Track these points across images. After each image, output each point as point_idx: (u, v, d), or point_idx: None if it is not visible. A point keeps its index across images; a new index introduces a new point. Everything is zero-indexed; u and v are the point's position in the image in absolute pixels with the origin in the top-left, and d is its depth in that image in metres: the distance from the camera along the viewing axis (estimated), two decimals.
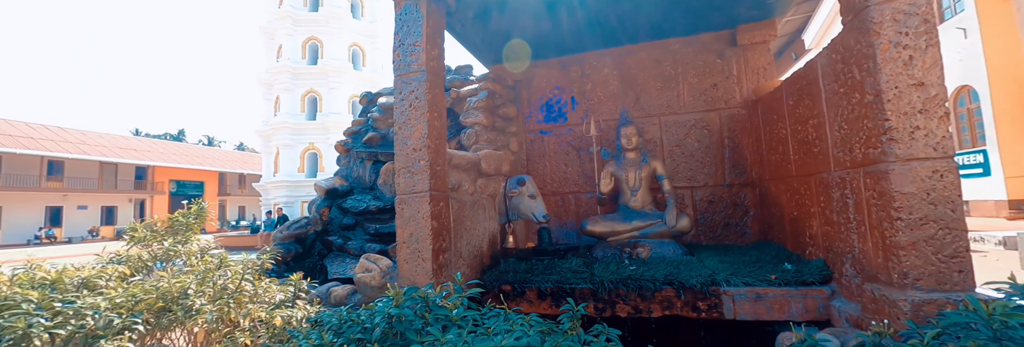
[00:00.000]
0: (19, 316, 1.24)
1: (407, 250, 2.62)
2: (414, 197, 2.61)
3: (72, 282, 1.57)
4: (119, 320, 1.30)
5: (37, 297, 1.31)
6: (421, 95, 2.65)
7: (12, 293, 1.37)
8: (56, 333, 1.21)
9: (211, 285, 1.62)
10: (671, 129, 4.16)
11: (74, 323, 1.25)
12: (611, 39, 4.18)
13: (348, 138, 4.71)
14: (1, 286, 1.37)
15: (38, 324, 1.19)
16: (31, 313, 1.24)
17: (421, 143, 2.62)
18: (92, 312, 1.32)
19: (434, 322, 1.30)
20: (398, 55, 2.74)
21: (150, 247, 2.60)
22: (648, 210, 3.67)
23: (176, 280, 1.56)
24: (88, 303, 1.34)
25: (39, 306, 1.28)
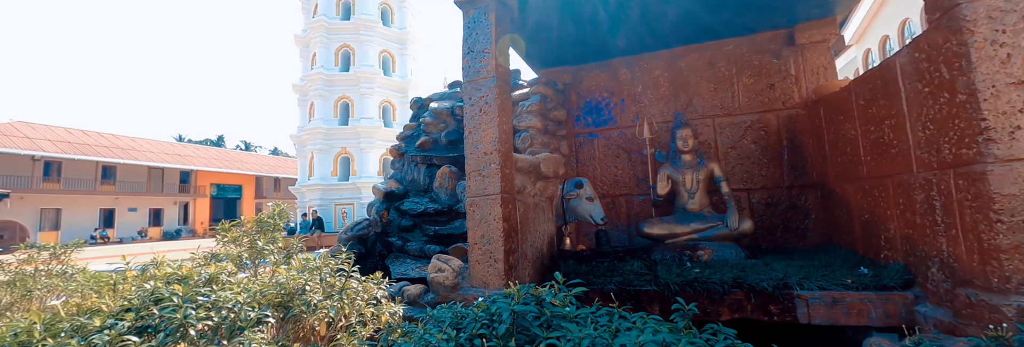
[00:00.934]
0: (172, 309, 1.37)
1: (479, 251, 2.69)
2: (485, 199, 2.68)
3: (200, 278, 1.71)
4: (254, 313, 1.42)
5: (182, 291, 1.44)
6: (491, 100, 2.73)
7: (156, 287, 1.51)
8: (207, 324, 1.33)
9: (320, 282, 1.73)
10: (726, 131, 4.11)
11: (219, 315, 1.37)
12: (663, 41, 4.18)
13: (401, 142, 4.86)
14: (149, 282, 1.51)
15: (192, 316, 1.32)
16: (181, 306, 1.37)
17: (492, 147, 2.69)
18: (231, 305, 1.44)
19: (553, 319, 1.35)
20: (467, 61, 2.83)
21: (241, 245, 2.77)
22: (707, 213, 3.64)
23: (293, 277, 1.67)
24: (223, 297, 1.46)
25: (186, 299, 1.40)
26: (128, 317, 1.32)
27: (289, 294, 1.63)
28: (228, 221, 3.15)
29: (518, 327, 1.34)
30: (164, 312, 1.34)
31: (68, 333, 1.26)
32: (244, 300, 1.47)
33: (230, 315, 1.40)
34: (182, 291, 1.42)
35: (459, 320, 1.46)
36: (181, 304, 1.36)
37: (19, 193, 22.37)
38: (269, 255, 2.74)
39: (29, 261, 3.38)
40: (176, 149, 31.55)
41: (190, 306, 1.38)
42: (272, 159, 40.87)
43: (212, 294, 1.51)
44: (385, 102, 24.08)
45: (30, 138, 23.68)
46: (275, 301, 1.61)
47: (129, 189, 27.35)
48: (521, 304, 1.41)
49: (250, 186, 34.76)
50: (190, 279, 1.67)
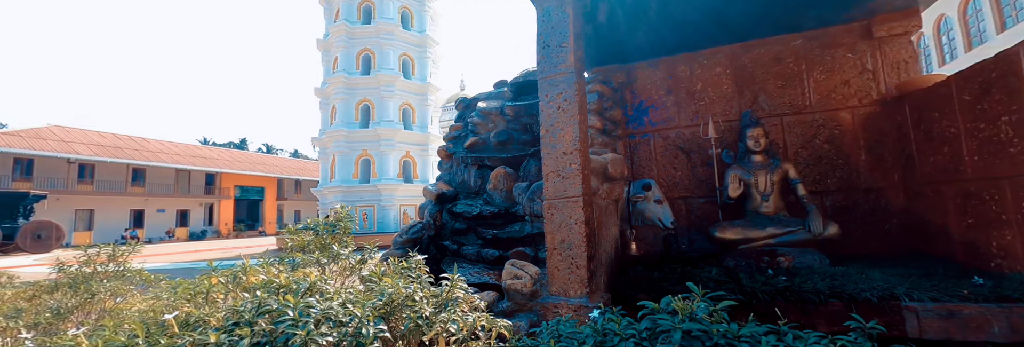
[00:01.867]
0: (289, 323, 1.26)
1: (558, 257, 2.54)
2: (565, 202, 2.54)
3: (300, 286, 1.60)
4: (373, 328, 1.29)
5: (293, 303, 1.33)
6: (570, 97, 2.59)
7: (261, 298, 1.40)
8: (329, 340, 1.21)
9: (424, 291, 1.61)
10: (795, 130, 3.89)
11: (339, 330, 1.26)
12: (725, 37, 3.99)
13: (449, 143, 4.75)
14: (249, 293, 1.42)
15: (315, 332, 1.20)
16: (297, 319, 1.26)
17: (572, 146, 2.55)
18: (349, 318, 1.32)
19: (720, 337, 1.20)
20: (541, 57, 2.70)
21: (311, 250, 2.69)
22: (783, 216, 3.43)
23: (395, 286, 1.55)
24: (336, 309, 1.35)
25: (302, 312, 1.29)
26: (243, 332, 1.21)
27: (397, 305, 1.51)
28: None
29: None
30: (283, 326, 1.22)
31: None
32: (363, 313, 1.35)
33: (348, 330, 1.28)
34: (293, 302, 1.31)
35: (602, 337, 1.31)
36: (297, 318, 1.25)
37: (55, 194, 23.09)
38: (344, 259, 2.65)
39: (89, 263, 3.36)
40: (202, 152, 32.26)
41: (308, 320, 1.27)
42: (293, 161, 41.52)
43: (318, 305, 1.40)
44: (405, 105, 24.22)
45: (65, 141, 24.47)
46: (381, 312, 1.49)
47: (158, 191, 28.04)
48: (689, 321, 1.25)
49: (272, 188, 35.33)
50: (289, 287, 1.56)
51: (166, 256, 16.70)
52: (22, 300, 3.18)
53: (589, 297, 2.49)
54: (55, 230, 20.88)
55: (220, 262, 2.66)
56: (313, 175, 36.57)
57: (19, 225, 20.19)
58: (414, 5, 24.80)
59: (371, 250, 2.88)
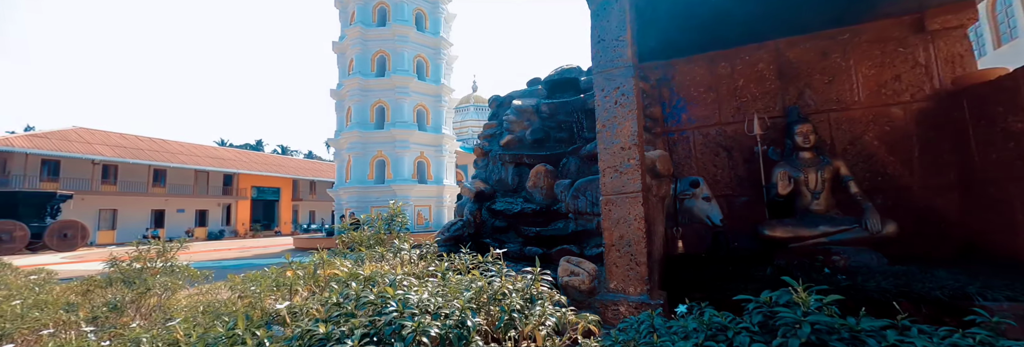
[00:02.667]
0: (391, 314, 1.24)
1: (616, 254, 2.51)
2: (624, 198, 2.50)
3: (385, 281, 1.59)
4: (472, 320, 1.27)
5: (392, 295, 1.32)
6: (628, 91, 2.55)
7: (359, 291, 1.39)
8: (436, 331, 1.19)
9: (513, 285, 1.59)
10: (843, 126, 3.80)
11: (443, 322, 1.24)
12: (769, 32, 3.92)
13: (484, 141, 4.75)
14: (338, 285, 1.42)
15: (425, 323, 1.18)
16: (402, 310, 1.24)
17: (631, 141, 2.52)
18: (450, 310, 1.31)
19: (846, 331, 1.16)
20: (597, 51, 2.67)
21: (364, 246, 2.70)
22: (835, 214, 3.35)
23: (481, 279, 1.54)
24: (435, 301, 1.33)
25: (405, 305, 1.28)
26: (355, 323, 1.19)
27: (487, 298, 1.49)
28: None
29: (818, 341, 1.14)
30: (387, 317, 1.21)
31: (298, 339, 1.15)
32: (463, 306, 1.34)
33: (450, 322, 1.26)
34: (391, 294, 1.29)
35: (712, 331, 1.27)
36: (401, 309, 1.23)
37: (80, 194, 23.64)
38: (404, 254, 2.64)
39: (139, 259, 3.41)
40: (219, 153, 32.80)
41: (413, 311, 1.25)
42: (307, 162, 42.00)
43: (414, 297, 1.38)
44: (419, 106, 24.34)
45: (90, 143, 25.07)
46: (472, 305, 1.47)
47: (177, 191, 28.56)
48: (815, 314, 1.21)
49: (287, 188, 35.76)
50: (374, 280, 1.56)
51: (190, 254, 16.97)
52: (74, 294, 3.24)
53: (649, 294, 2.45)
54: (80, 229, 21.37)
55: (243, 261, 2.65)
56: (327, 176, 36.95)
57: (47, 224, 20.70)
58: (428, 7, 24.95)
59: (429, 246, 2.88)
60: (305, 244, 19.63)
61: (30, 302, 2.75)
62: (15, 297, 3.36)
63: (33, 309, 2.67)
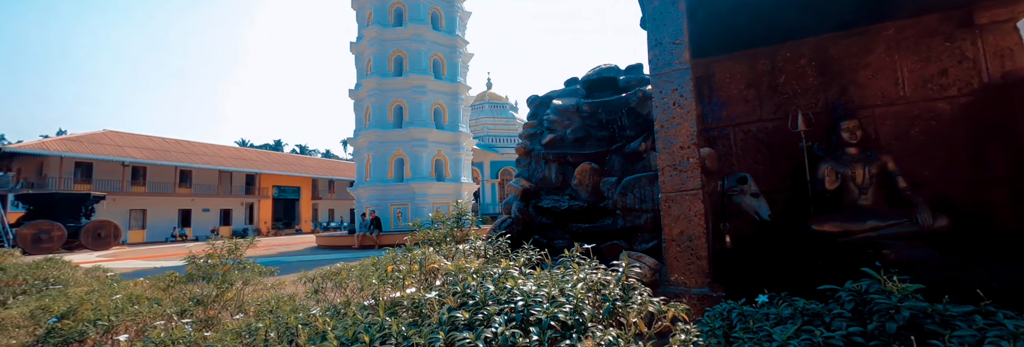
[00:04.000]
0: (519, 303, 1.38)
1: (677, 248, 2.61)
2: (684, 195, 2.60)
3: (493, 274, 1.74)
4: (588, 309, 1.41)
5: (512, 286, 1.46)
6: (686, 93, 2.65)
7: (482, 284, 1.54)
8: (563, 319, 1.33)
9: (609, 276, 1.73)
10: (887, 122, 3.82)
11: (564, 310, 1.38)
12: (810, 29, 3.95)
13: (525, 140, 4.87)
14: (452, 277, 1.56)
15: (550, 310, 1.32)
16: (528, 300, 1.38)
17: (690, 141, 2.61)
18: (565, 298, 1.45)
19: (937, 316, 1.26)
20: (655, 53, 2.77)
21: (437, 241, 2.87)
22: (883, 209, 3.39)
23: (578, 271, 1.67)
24: (542, 291, 1.47)
25: (529, 295, 1.42)
26: (491, 310, 1.34)
27: (588, 289, 1.62)
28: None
29: (912, 324, 1.24)
30: (520, 306, 1.35)
31: (446, 323, 1.29)
32: (581, 295, 1.47)
33: (569, 308, 1.40)
34: (512, 285, 1.44)
35: (807, 317, 1.38)
36: (527, 299, 1.37)
37: (112, 195, 24.49)
38: (476, 249, 2.81)
39: (214, 256, 3.64)
40: (241, 153, 33.58)
41: (540, 299, 1.39)
42: (326, 161, 42.73)
43: (529, 287, 1.52)
44: (437, 105, 24.56)
45: (120, 146, 25.91)
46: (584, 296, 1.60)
47: (203, 191, 29.37)
48: (910, 300, 1.31)
49: (307, 188, 36.45)
50: (482, 273, 1.70)
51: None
52: (157, 290, 3.47)
53: (710, 287, 2.55)
54: (113, 229, 22.19)
55: (269, 258, 2.81)
56: (345, 175, 37.54)
57: (82, 224, 21.53)
58: (444, 6, 25.10)
59: (494, 241, 3.03)
60: (327, 242, 20.06)
61: (123, 297, 2.98)
62: (96, 293, 3.62)
63: (128, 303, 2.89)
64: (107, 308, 2.81)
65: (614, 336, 1.33)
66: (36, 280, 5.97)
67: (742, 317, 1.54)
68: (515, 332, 1.20)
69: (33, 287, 5.74)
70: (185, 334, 2.41)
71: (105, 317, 2.68)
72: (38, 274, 6.14)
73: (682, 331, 1.47)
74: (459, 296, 1.50)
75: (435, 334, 1.19)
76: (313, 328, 1.51)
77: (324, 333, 1.38)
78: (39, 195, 21.09)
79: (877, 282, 1.54)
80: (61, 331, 2.61)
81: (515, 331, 1.20)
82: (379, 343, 1.21)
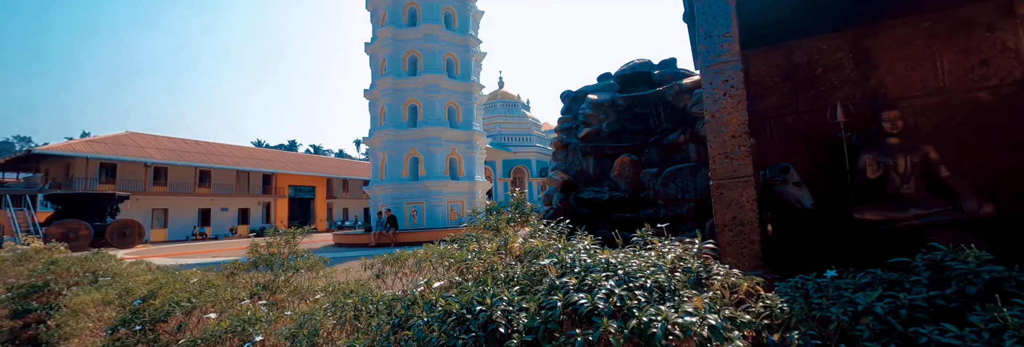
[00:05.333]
0: (621, 272, 1.51)
1: (730, 234, 2.71)
2: (736, 182, 2.70)
3: (580, 249, 1.87)
4: (677, 277, 1.54)
5: (607, 258, 1.58)
6: (736, 84, 2.74)
7: (577, 258, 1.67)
8: (661, 285, 1.45)
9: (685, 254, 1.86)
10: (927, 112, 3.86)
11: (661, 277, 1.51)
12: (848, 21, 4.00)
13: (562, 134, 4.98)
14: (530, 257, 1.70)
15: (654, 274, 1.45)
16: (626, 270, 1.51)
17: (741, 129, 2.70)
18: (649, 272, 1.58)
19: (1016, 281, 1.35)
20: (704, 47, 2.86)
21: (502, 228, 3.02)
22: (925, 197, 3.45)
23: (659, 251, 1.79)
24: (633, 262, 1.60)
25: (608, 268, 1.55)
26: (595, 277, 1.46)
27: (670, 265, 1.74)
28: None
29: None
30: (625, 273, 1.48)
31: (558, 289, 1.42)
32: (670, 265, 1.60)
33: (662, 277, 1.52)
34: (607, 256, 1.56)
35: (885, 285, 1.48)
36: (626, 269, 1.49)
37: (135, 195, 25.12)
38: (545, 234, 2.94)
39: (272, 245, 3.82)
40: (258, 154, 34.17)
41: (631, 269, 1.52)
42: (340, 161, 43.26)
43: (613, 260, 1.65)
44: (450, 104, 24.73)
45: (142, 147, 26.56)
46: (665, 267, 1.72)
47: (221, 191, 29.95)
48: (988, 265, 1.41)
49: (322, 187, 36.95)
50: (568, 249, 1.83)
51: (242, 250, 17.93)
52: (221, 277, 3.65)
53: (763, 270, 2.64)
54: (137, 228, 22.74)
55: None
56: (358, 174, 37.94)
57: (107, 223, 22.09)
58: (457, 6, 25.27)
59: (554, 228, 3.16)
60: (344, 240, 20.35)
61: (199, 282, 3.16)
62: (160, 281, 3.81)
63: (205, 287, 3.07)
64: (185, 292, 2.99)
65: (710, 298, 1.44)
66: (86, 272, 6.24)
67: (818, 287, 1.65)
68: (628, 293, 1.32)
69: (84, 279, 6.01)
70: (263, 314, 2.57)
71: (185, 299, 2.86)
72: (87, 267, 6.42)
73: (765, 298, 1.57)
74: (559, 267, 1.62)
75: (552, 296, 1.31)
76: (421, 299, 1.64)
77: (430, 303, 1.51)
78: (67, 195, 21.71)
79: (950, 253, 1.64)
80: (147, 311, 2.79)
81: (627, 293, 1.32)
82: (496, 309, 1.33)
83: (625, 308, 1.23)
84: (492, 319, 1.26)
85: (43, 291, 5.83)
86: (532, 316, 1.25)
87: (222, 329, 2.35)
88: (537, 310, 1.26)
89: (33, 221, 21.83)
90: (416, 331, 1.34)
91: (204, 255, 14.92)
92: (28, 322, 5.86)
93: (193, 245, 23.09)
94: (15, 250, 7.60)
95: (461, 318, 1.31)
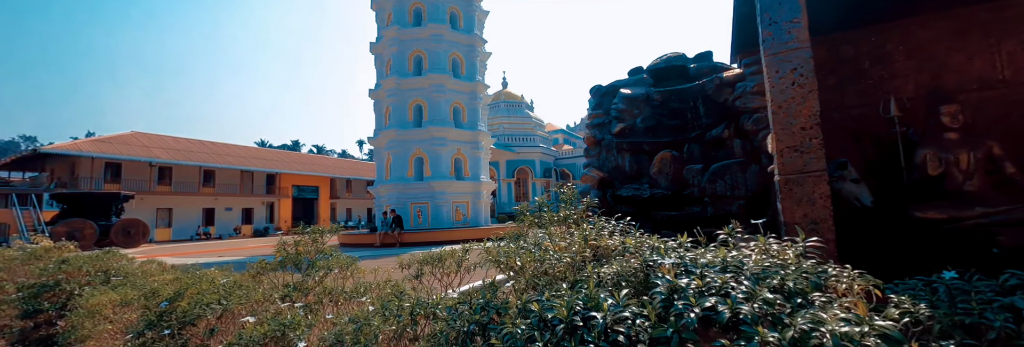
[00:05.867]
0: (747, 272, 1.35)
1: (800, 233, 2.53)
2: (807, 177, 2.53)
3: (664, 248, 1.71)
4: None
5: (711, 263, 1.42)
6: (806, 72, 2.57)
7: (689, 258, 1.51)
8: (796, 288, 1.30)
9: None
10: (985, 106, 3.69)
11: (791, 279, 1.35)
12: (898, 13, 3.83)
13: (594, 130, 4.81)
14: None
15: (790, 276, 1.30)
16: (725, 266, 1.35)
17: (812, 121, 2.54)
18: (761, 271, 1.42)
19: None
20: (769, 33, 2.70)
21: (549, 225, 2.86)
22: (990, 194, 3.27)
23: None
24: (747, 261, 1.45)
25: (726, 269, 1.39)
26: (721, 278, 1.30)
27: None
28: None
29: None
30: (736, 265, 1.32)
31: (678, 292, 1.26)
32: (793, 264, 1.44)
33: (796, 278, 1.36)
34: (722, 255, 1.40)
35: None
36: (724, 264, 1.33)
37: (139, 195, 24.98)
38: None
39: (299, 244, 3.65)
40: (262, 154, 34.04)
41: (757, 269, 1.36)
42: (343, 161, 43.14)
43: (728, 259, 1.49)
44: (455, 103, 24.59)
45: (147, 147, 26.44)
46: None
47: (225, 191, 29.81)
48: None
49: (325, 187, 36.80)
50: (661, 248, 1.68)
51: (245, 250, 17.79)
52: (246, 276, 3.49)
53: None
54: (142, 227, 22.62)
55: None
56: (361, 174, 37.80)
57: (112, 223, 21.97)
58: (462, 5, 25.16)
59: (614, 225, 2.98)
60: (349, 240, 20.20)
61: (230, 282, 2.99)
62: (184, 282, 3.65)
63: (234, 288, 2.91)
64: (213, 293, 2.82)
65: (845, 304, 1.27)
66: (98, 272, 6.08)
67: (949, 290, 1.48)
68: (774, 297, 1.14)
69: (96, 278, 5.84)
70: (299, 317, 2.40)
71: (215, 301, 2.69)
72: (99, 266, 6.25)
73: (897, 301, 1.41)
74: (673, 266, 1.46)
75: (676, 301, 1.14)
76: (500, 302, 1.48)
77: (521, 308, 1.34)
78: (72, 194, 21.59)
79: None
80: (173, 313, 2.63)
81: (774, 297, 1.15)
82: (610, 316, 1.16)
83: (770, 314, 1.07)
84: (613, 328, 1.09)
85: (54, 290, 5.67)
86: (656, 324, 1.08)
87: (260, 334, 2.18)
88: (661, 317, 1.10)
89: (39, 220, 21.72)
90: (508, 341, 1.17)
91: (210, 255, 14.78)
92: (38, 322, 5.70)
93: (197, 244, 22.95)
94: (24, 249, 7.45)
95: (571, 326, 1.14)
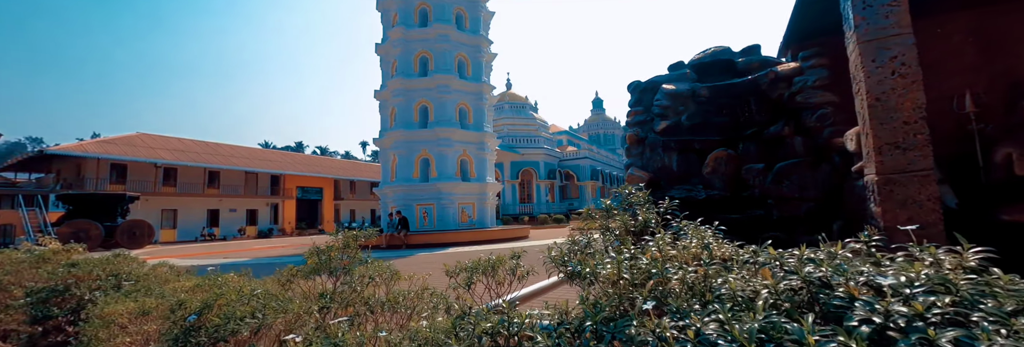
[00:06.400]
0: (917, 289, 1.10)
1: (905, 239, 2.27)
2: (911, 176, 2.27)
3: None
4: None
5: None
6: (909, 61, 2.32)
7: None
8: None
9: None
10: None
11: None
12: (967, 2, 3.59)
13: (636, 128, 4.56)
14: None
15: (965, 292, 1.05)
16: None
17: (917, 115, 2.28)
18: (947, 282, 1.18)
19: None
20: (862, 19, 2.45)
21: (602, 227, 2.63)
22: None
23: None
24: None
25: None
26: (883, 303, 1.05)
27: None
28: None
29: None
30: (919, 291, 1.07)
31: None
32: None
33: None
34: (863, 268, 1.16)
35: None
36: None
37: (144, 196, 24.81)
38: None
39: (334, 248, 3.40)
40: (266, 155, 33.86)
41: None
42: (346, 163, 42.94)
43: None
44: (461, 104, 24.38)
45: (152, 148, 26.27)
46: None
47: (230, 192, 29.62)
48: None
49: (329, 189, 36.59)
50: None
51: (251, 251, 17.56)
52: (275, 284, 3.25)
53: None
54: (147, 228, 22.41)
55: (300, 257, 2.55)
56: (365, 175, 37.60)
57: (118, 223, 21.76)
58: (468, 6, 25.01)
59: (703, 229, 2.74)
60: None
61: (263, 292, 2.75)
62: (215, 292, 3.39)
63: (270, 299, 2.66)
64: (244, 304, 2.58)
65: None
66: (108, 276, 5.84)
67: None
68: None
69: (107, 283, 5.59)
70: (348, 335, 2.15)
71: (249, 314, 2.45)
72: (109, 270, 6.01)
73: None
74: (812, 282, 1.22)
75: (915, 336, 0.88)
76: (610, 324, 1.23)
77: (658, 334, 1.10)
78: (78, 195, 21.40)
79: None
80: (204, 329, 2.39)
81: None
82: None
83: None
84: None
85: (63, 296, 5.43)
86: None
87: None
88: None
89: (44, 221, 21.53)
90: None
91: (216, 256, 14.53)
92: (47, 328, 5.45)
93: (202, 246, 22.73)
94: (31, 251, 7.22)
95: None
